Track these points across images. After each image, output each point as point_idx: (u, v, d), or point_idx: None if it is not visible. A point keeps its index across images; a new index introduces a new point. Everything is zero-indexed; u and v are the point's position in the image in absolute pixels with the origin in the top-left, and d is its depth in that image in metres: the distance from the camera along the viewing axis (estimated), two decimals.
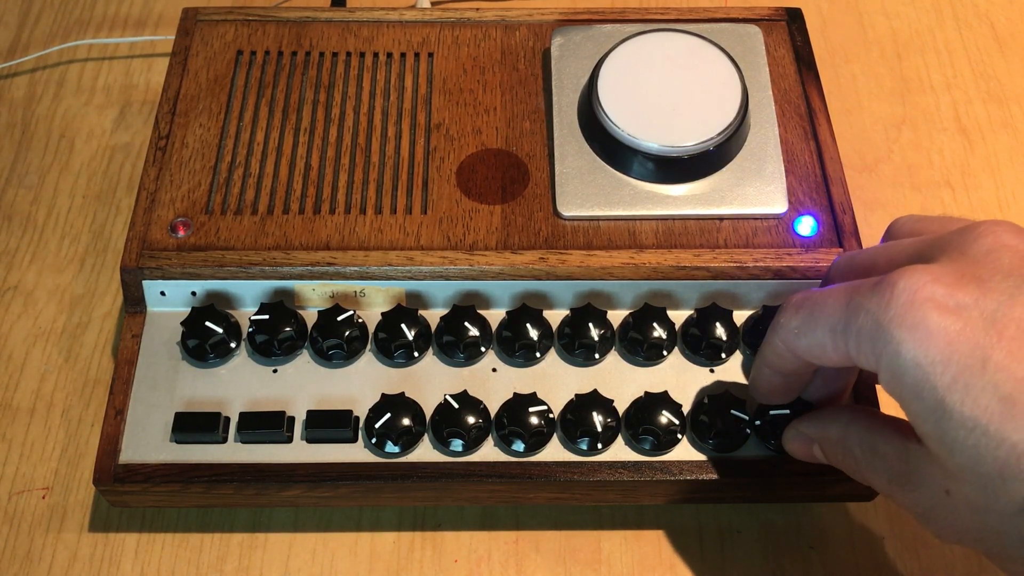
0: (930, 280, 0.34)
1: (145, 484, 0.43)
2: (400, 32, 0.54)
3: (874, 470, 0.38)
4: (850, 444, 0.39)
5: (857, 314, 0.35)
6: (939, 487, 0.35)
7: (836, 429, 0.40)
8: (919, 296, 0.33)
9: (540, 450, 0.44)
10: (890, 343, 0.34)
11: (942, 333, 0.33)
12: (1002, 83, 0.63)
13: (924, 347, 0.33)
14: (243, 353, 0.46)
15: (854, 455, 0.39)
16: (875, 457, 0.38)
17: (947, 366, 0.33)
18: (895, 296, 0.34)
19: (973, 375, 0.32)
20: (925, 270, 0.34)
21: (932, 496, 0.35)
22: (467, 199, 0.48)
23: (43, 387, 0.51)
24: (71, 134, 0.60)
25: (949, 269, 0.34)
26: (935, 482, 0.35)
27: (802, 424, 0.42)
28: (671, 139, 0.48)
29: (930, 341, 0.33)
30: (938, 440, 0.34)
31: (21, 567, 0.46)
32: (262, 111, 0.51)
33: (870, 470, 0.38)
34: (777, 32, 0.54)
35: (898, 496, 0.37)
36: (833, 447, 0.40)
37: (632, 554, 0.46)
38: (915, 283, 0.34)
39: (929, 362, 0.33)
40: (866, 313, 0.34)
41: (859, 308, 0.35)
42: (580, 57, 0.52)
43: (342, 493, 0.44)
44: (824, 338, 0.37)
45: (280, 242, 0.47)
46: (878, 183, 0.58)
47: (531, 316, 0.46)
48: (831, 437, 0.40)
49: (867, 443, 0.38)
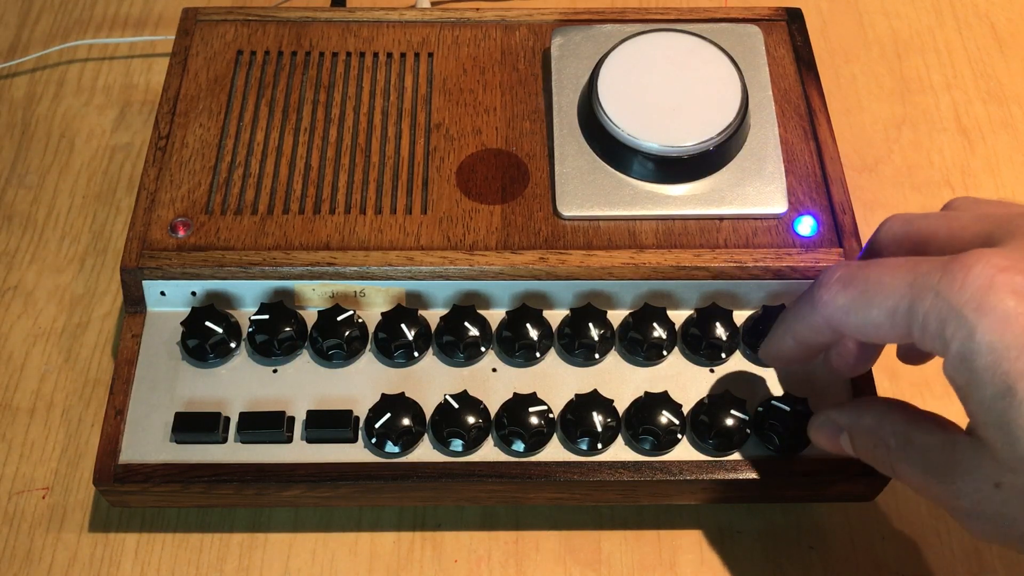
0: (1007, 265, 0.33)
1: (145, 484, 0.43)
2: (400, 32, 0.54)
3: (909, 461, 0.37)
4: (884, 434, 0.38)
5: (924, 295, 0.34)
6: (988, 480, 0.34)
7: (871, 418, 0.39)
8: (996, 281, 0.33)
9: (540, 450, 0.44)
10: (963, 327, 0.33)
11: (1019, 318, 0.32)
12: (1002, 83, 0.63)
13: (1000, 332, 0.32)
14: (243, 353, 0.46)
15: (887, 445, 0.38)
16: (911, 448, 0.37)
17: (1022, 352, 0.32)
18: (970, 279, 0.33)
19: None
20: (1001, 254, 0.33)
21: (978, 489, 0.35)
22: (467, 199, 0.48)
23: (43, 387, 0.51)
24: (71, 134, 0.60)
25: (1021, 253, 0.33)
26: (984, 475, 0.34)
27: (833, 413, 0.41)
28: (671, 139, 0.48)
29: (1006, 326, 0.32)
30: (1001, 428, 0.33)
31: (21, 567, 0.46)
32: (262, 111, 0.51)
33: (904, 461, 0.37)
34: (777, 32, 0.54)
35: (934, 489, 0.36)
36: (865, 437, 0.39)
37: (632, 554, 0.46)
38: (992, 267, 0.33)
39: (1004, 347, 0.32)
40: (936, 295, 0.34)
41: (926, 289, 0.34)
42: (580, 57, 0.52)
43: (342, 493, 0.44)
44: (881, 318, 0.35)
45: (280, 242, 0.47)
46: (878, 183, 0.58)
47: (531, 316, 0.46)
48: (864, 426, 0.39)
49: (903, 434, 0.38)
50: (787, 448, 0.44)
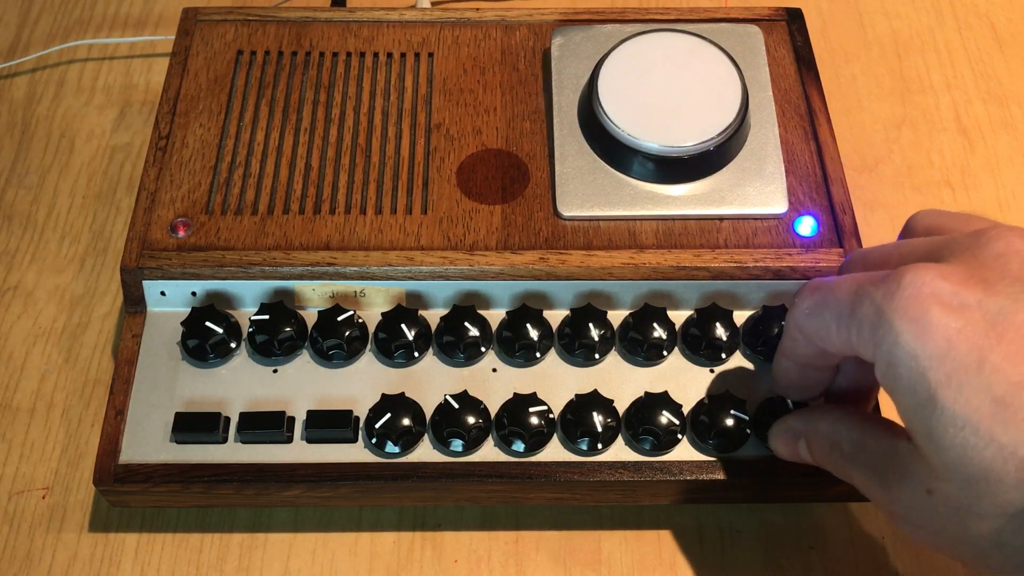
0: (937, 276, 0.34)
1: (145, 484, 0.43)
2: (400, 32, 0.54)
3: (858, 466, 0.38)
4: (839, 439, 0.39)
5: (862, 302, 0.35)
6: (921, 486, 0.35)
7: (826, 425, 0.40)
8: (924, 291, 0.34)
9: (540, 450, 0.44)
10: (890, 333, 0.34)
11: (942, 329, 0.33)
12: (1002, 83, 0.63)
13: (922, 341, 0.33)
14: (243, 353, 0.46)
15: (841, 450, 0.39)
16: (861, 453, 0.38)
17: (943, 362, 0.33)
18: (901, 288, 0.34)
19: (968, 374, 0.33)
20: (933, 267, 0.35)
21: (913, 495, 0.35)
22: (467, 199, 0.48)
23: (43, 387, 0.51)
24: (71, 134, 0.60)
25: (958, 268, 0.35)
26: (918, 481, 0.35)
27: (791, 419, 0.42)
28: (671, 139, 0.48)
29: (929, 335, 0.33)
30: (926, 435, 0.34)
31: (21, 567, 0.46)
32: (262, 111, 0.51)
33: (854, 466, 0.38)
34: (777, 32, 0.54)
35: (878, 494, 0.37)
36: (821, 442, 0.40)
37: (632, 554, 0.46)
38: (921, 278, 0.34)
39: (926, 356, 0.33)
40: (871, 302, 0.35)
41: (864, 296, 0.35)
42: (580, 57, 0.52)
43: (342, 493, 0.44)
44: (830, 322, 0.37)
45: (280, 242, 0.47)
46: (878, 183, 0.58)
47: (531, 316, 0.46)
48: (820, 432, 0.40)
49: (855, 439, 0.38)
50: None
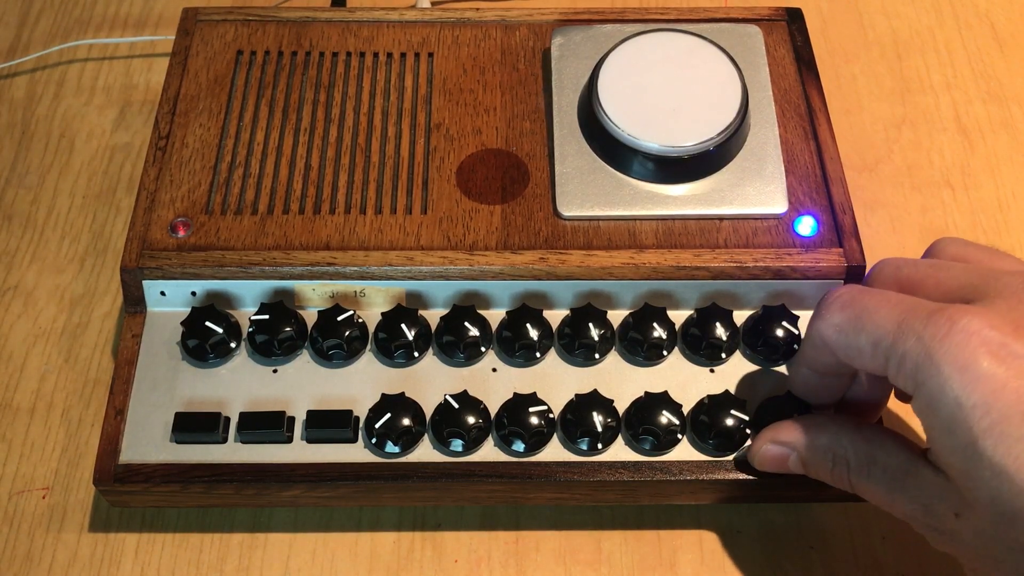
0: (987, 325, 0.34)
1: (145, 484, 0.43)
2: (400, 32, 0.54)
3: (871, 480, 0.38)
4: (843, 453, 0.39)
5: (907, 337, 0.35)
6: (950, 509, 0.36)
7: (825, 438, 0.40)
8: (975, 339, 0.34)
9: (540, 450, 0.44)
10: (935, 376, 0.34)
11: (990, 379, 0.33)
12: (1002, 83, 0.63)
13: (969, 389, 0.33)
14: (243, 353, 0.46)
15: (846, 464, 0.39)
16: (874, 468, 0.38)
17: (987, 411, 0.33)
18: (952, 333, 0.34)
19: (1011, 425, 0.33)
20: (985, 314, 0.34)
21: (941, 515, 0.36)
22: (467, 199, 0.48)
23: (43, 387, 0.51)
24: (71, 134, 0.60)
25: (1007, 318, 0.35)
26: (947, 504, 0.36)
27: (779, 433, 0.42)
28: (671, 139, 0.48)
29: (976, 384, 0.33)
30: (962, 473, 0.34)
31: (21, 567, 0.46)
32: (262, 111, 0.51)
33: (866, 480, 0.39)
34: (777, 32, 0.54)
35: (901, 506, 0.38)
36: (819, 456, 0.40)
37: (632, 554, 0.46)
38: (975, 325, 0.34)
39: (971, 404, 0.33)
40: (918, 340, 0.35)
41: (910, 332, 0.35)
42: (580, 57, 0.52)
43: (342, 493, 0.44)
44: (865, 346, 0.37)
45: (280, 242, 0.47)
46: (878, 183, 0.58)
47: (531, 316, 0.46)
48: (820, 446, 0.40)
49: (864, 454, 0.39)
50: None
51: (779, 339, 0.45)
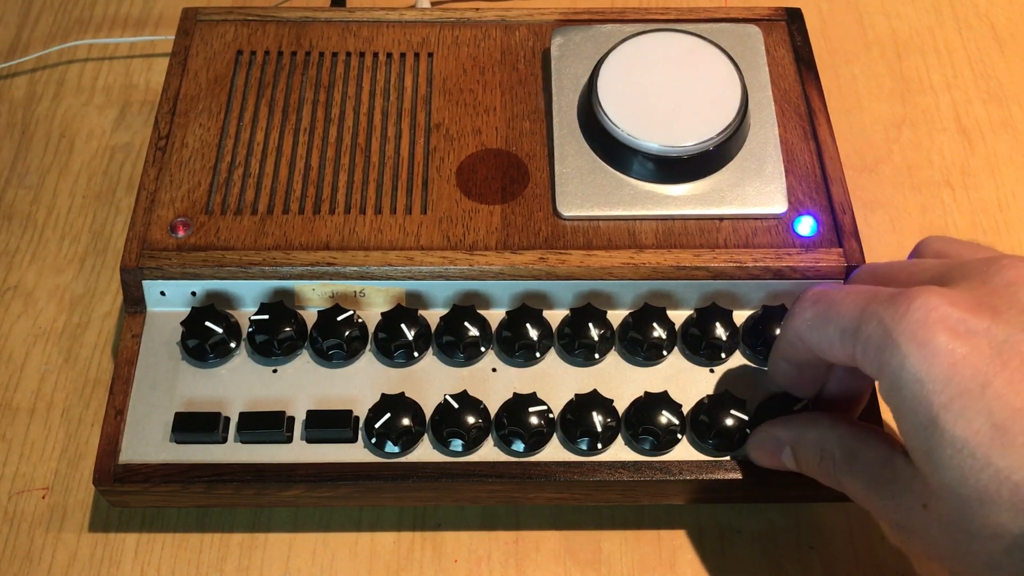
0: (946, 302, 0.34)
1: (145, 484, 0.43)
2: (400, 32, 0.54)
3: (852, 475, 0.39)
4: (830, 448, 0.39)
5: (869, 321, 0.36)
6: (918, 500, 0.36)
7: (815, 433, 0.40)
8: (933, 315, 0.34)
9: (540, 450, 0.44)
10: (895, 355, 0.34)
11: (948, 354, 0.33)
12: (1002, 83, 0.63)
13: (927, 365, 0.34)
14: (243, 353, 0.46)
15: (832, 458, 0.39)
16: (855, 463, 0.38)
17: (946, 386, 0.33)
18: (910, 311, 0.34)
19: (970, 398, 0.33)
20: (943, 292, 0.35)
21: (909, 507, 0.36)
22: (467, 199, 0.48)
23: (43, 387, 0.51)
24: (71, 134, 0.60)
25: (967, 296, 0.35)
26: (915, 495, 0.36)
27: (775, 428, 0.42)
28: (671, 139, 0.48)
29: (934, 360, 0.34)
30: (925, 455, 0.34)
31: (21, 567, 0.46)
32: (262, 111, 0.51)
33: (848, 475, 0.39)
34: (777, 32, 0.54)
35: (874, 502, 0.38)
36: (809, 451, 0.40)
37: (632, 554, 0.46)
38: (931, 302, 0.34)
39: (930, 379, 0.34)
40: (878, 322, 0.35)
41: (872, 315, 0.36)
42: (580, 57, 0.52)
43: (342, 493, 0.44)
44: (833, 336, 0.37)
45: (280, 242, 0.47)
46: (878, 183, 0.58)
47: (531, 316, 0.46)
48: (809, 440, 0.40)
49: (849, 448, 0.39)
50: None
51: None
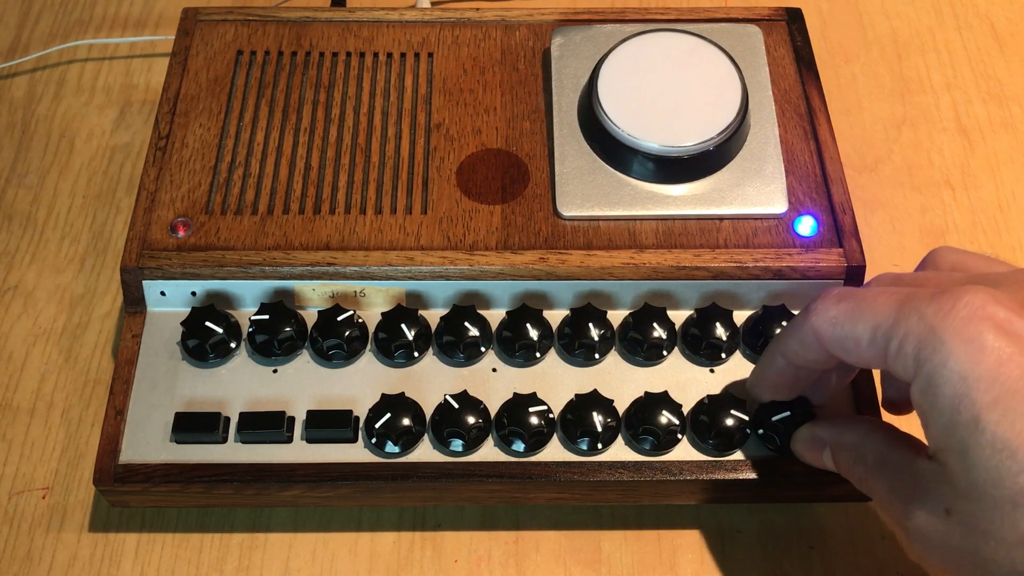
0: (992, 300, 0.34)
1: (145, 484, 0.43)
2: (400, 32, 0.54)
3: (880, 479, 0.38)
4: (864, 452, 0.39)
5: (909, 316, 0.35)
6: (940, 506, 0.35)
7: (854, 436, 0.40)
8: (980, 313, 0.34)
9: (540, 450, 0.44)
10: (939, 351, 0.34)
11: (995, 352, 0.33)
12: (1002, 83, 0.63)
13: (974, 362, 0.33)
14: (243, 353, 0.46)
15: (865, 463, 0.39)
16: (884, 467, 0.38)
17: (992, 385, 0.33)
18: (956, 308, 0.34)
19: (1016, 399, 0.33)
20: (989, 291, 0.34)
21: (930, 512, 0.36)
22: (467, 199, 0.48)
23: (43, 387, 0.51)
24: (71, 134, 0.60)
25: (1013, 297, 0.35)
26: (938, 500, 0.35)
27: (820, 428, 0.42)
28: (671, 139, 0.48)
29: (981, 357, 0.33)
30: (960, 455, 0.34)
31: (21, 567, 0.46)
32: (262, 111, 0.51)
33: (877, 479, 0.38)
34: (777, 32, 0.54)
35: (895, 508, 0.37)
36: (846, 453, 0.40)
37: (632, 554, 0.46)
38: (979, 300, 0.34)
39: (975, 377, 0.33)
40: (920, 318, 0.35)
41: (913, 311, 0.35)
42: (580, 57, 0.52)
43: (342, 493, 0.44)
44: (863, 334, 0.37)
45: (280, 242, 0.47)
46: (878, 183, 0.58)
47: (531, 316, 0.46)
48: (847, 443, 0.40)
49: (881, 453, 0.39)
50: (787, 448, 0.44)
51: None
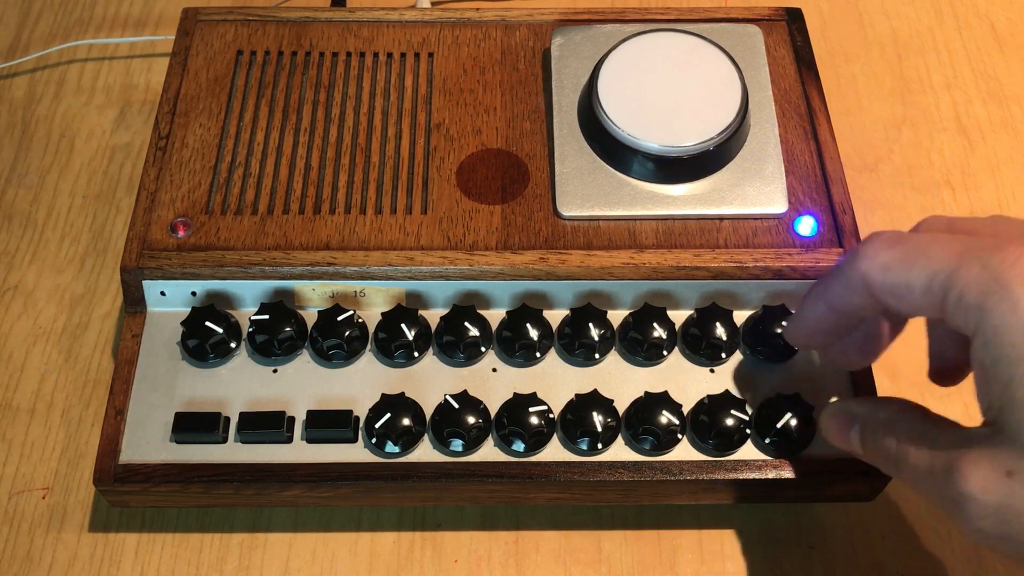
0: None
1: (145, 484, 0.43)
2: (400, 32, 0.54)
3: (917, 452, 0.37)
4: (898, 428, 0.38)
5: (970, 264, 0.34)
6: (1001, 468, 0.34)
7: (886, 412, 0.39)
8: None
9: (540, 450, 0.44)
10: (1006, 300, 0.33)
11: None
12: (1002, 83, 0.63)
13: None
14: (243, 353, 0.46)
15: (896, 439, 0.38)
16: (922, 439, 0.37)
17: None
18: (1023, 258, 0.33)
19: None
20: None
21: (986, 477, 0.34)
22: (467, 199, 0.48)
23: (43, 387, 0.51)
24: (71, 134, 0.60)
25: None
26: (998, 463, 0.34)
27: (851, 403, 0.41)
28: (671, 139, 0.48)
29: None
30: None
31: (21, 567, 0.46)
32: (262, 111, 0.51)
33: (912, 455, 0.37)
34: (777, 32, 0.54)
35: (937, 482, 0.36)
36: (876, 430, 0.39)
37: (632, 554, 0.46)
38: None
39: None
40: (984, 267, 0.34)
41: (974, 259, 0.34)
42: (580, 57, 0.52)
43: (342, 493, 0.44)
44: (918, 280, 0.35)
45: (280, 242, 0.47)
46: (878, 183, 0.58)
47: (531, 316, 0.46)
48: (878, 418, 0.39)
49: (918, 429, 0.37)
50: (787, 448, 0.44)
51: (779, 339, 0.45)
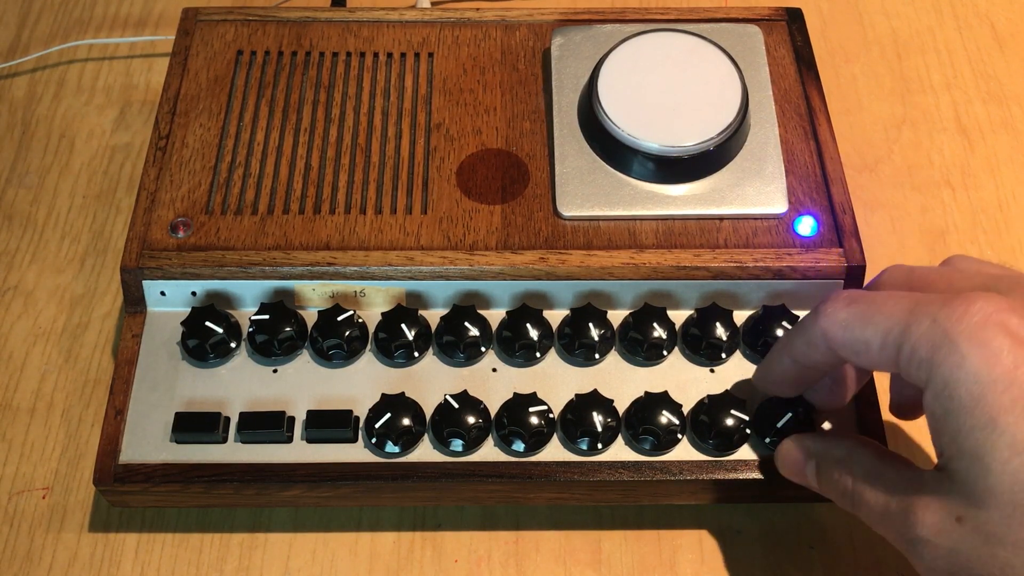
0: (1006, 308, 0.34)
1: (145, 484, 0.43)
2: (400, 32, 0.54)
3: (871, 492, 0.38)
4: (852, 466, 0.39)
5: (921, 320, 0.35)
6: (951, 514, 0.35)
7: (841, 450, 0.40)
8: (993, 319, 0.34)
9: (540, 450, 0.44)
10: (953, 354, 0.34)
11: (1009, 356, 0.34)
12: (1002, 83, 0.63)
13: (989, 365, 0.34)
14: (243, 353, 0.46)
15: (852, 477, 0.39)
16: (877, 480, 0.38)
17: (1008, 387, 0.33)
18: (969, 313, 0.34)
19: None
20: (1002, 299, 0.35)
21: (937, 523, 0.36)
22: (467, 199, 0.48)
23: (43, 387, 0.51)
24: (71, 134, 0.60)
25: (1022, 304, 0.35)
26: (948, 509, 0.35)
27: (806, 439, 0.42)
28: (671, 139, 0.48)
29: (996, 360, 0.34)
30: (976, 460, 0.34)
31: (21, 567, 0.46)
32: (262, 111, 0.51)
33: (867, 492, 0.38)
34: (777, 32, 0.55)
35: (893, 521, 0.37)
36: (831, 467, 0.40)
37: (632, 554, 0.46)
38: (992, 306, 0.34)
39: (991, 380, 0.33)
40: (933, 322, 0.35)
41: (925, 316, 0.35)
42: (580, 57, 0.52)
43: (342, 493, 0.44)
44: (874, 337, 0.37)
45: (280, 242, 0.47)
46: (878, 183, 0.58)
47: (531, 316, 0.46)
48: (833, 456, 0.40)
49: (873, 469, 0.39)
50: None
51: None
